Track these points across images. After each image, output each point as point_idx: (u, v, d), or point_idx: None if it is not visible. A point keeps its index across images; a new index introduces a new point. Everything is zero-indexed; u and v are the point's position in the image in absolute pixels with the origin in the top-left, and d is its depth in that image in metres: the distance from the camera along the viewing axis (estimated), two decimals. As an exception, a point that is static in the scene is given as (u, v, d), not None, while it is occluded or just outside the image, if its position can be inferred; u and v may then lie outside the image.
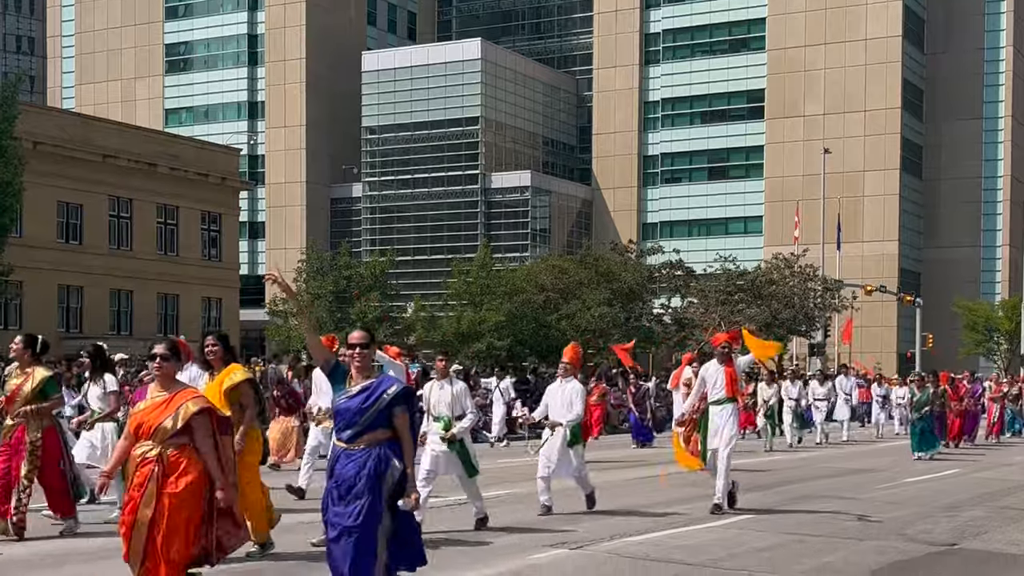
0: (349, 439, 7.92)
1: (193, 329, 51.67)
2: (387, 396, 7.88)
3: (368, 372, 8.07)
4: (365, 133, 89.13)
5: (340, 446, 7.97)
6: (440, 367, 13.38)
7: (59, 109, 73.99)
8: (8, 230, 35.42)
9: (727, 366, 15.27)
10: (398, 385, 8.01)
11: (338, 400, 8.03)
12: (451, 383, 13.14)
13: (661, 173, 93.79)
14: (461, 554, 11.33)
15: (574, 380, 14.75)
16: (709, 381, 15.28)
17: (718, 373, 15.24)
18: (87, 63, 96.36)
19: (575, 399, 14.45)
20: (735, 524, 13.84)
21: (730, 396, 15.09)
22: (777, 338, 58.00)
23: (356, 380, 8.03)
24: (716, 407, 15.03)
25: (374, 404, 7.87)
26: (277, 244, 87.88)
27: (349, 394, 7.98)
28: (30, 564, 10.61)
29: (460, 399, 13.00)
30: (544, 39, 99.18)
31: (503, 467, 20.97)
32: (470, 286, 58.60)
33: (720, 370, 15.25)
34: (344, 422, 7.96)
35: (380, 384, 7.98)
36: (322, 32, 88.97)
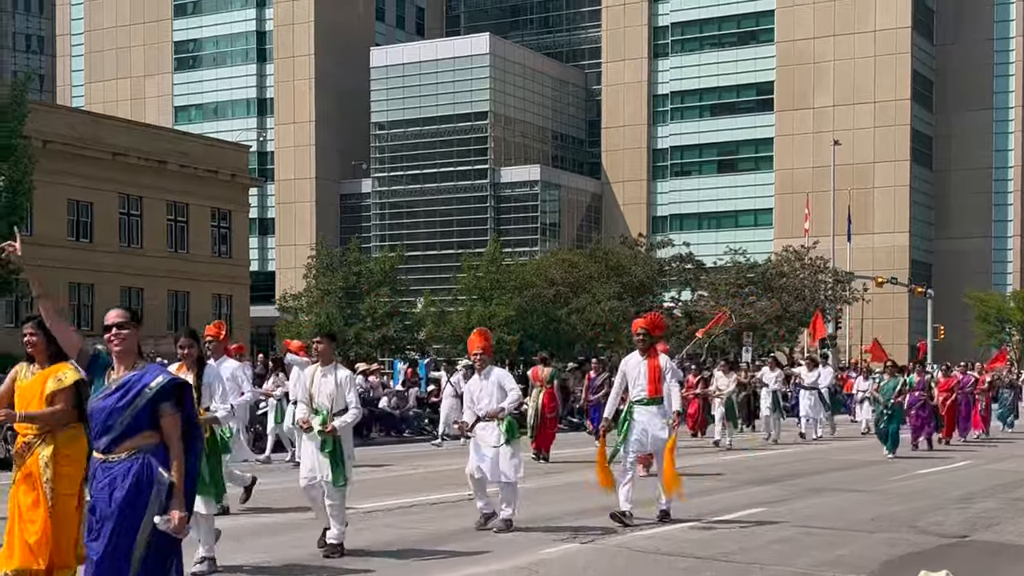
0: (106, 447, 6.41)
1: (203, 325, 51.73)
2: (149, 391, 6.40)
3: (131, 361, 6.58)
4: (374, 129, 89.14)
5: (97, 458, 6.47)
6: (320, 351, 11.41)
7: (69, 107, 74.10)
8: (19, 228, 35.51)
9: (650, 359, 12.96)
10: (164, 376, 6.49)
11: (93, 399, 6.64)
12: (335, 371, 11.23)
13: (671, 166, 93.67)
14: (471, 550, 11.32)
15: (495, 368, 12.83)
16: (630, 377, 13.03)
17: (640, 367, 12.95)
18: (96, 61, 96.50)
19: (505, 383, 12.44)
20: (746, 517, 13.82)
21: (653, 395, 12.84)
22: (788, 331, 58.07)
23: (117, 373, 6.61)
24: (640, 407, 12.88)
25: (132, 402, 6.42)
26: (287, 240, 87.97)
27: (106, 391, 6.56)
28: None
29: (343, 390, 11.05)
30: (552, 33, 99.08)
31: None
32: (480, 281, 58.62)
33: (642, 364, 12.95)
34: (99, 426, 6.46)
35: (141, 377, 6.49)
36: (330, 28, 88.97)
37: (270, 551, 11.09)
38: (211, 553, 9.96)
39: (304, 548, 11.14)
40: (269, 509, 14.21)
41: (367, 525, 12.94)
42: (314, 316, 58.52)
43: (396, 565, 10.49)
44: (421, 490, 16.59)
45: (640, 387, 12.85)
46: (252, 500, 13.84)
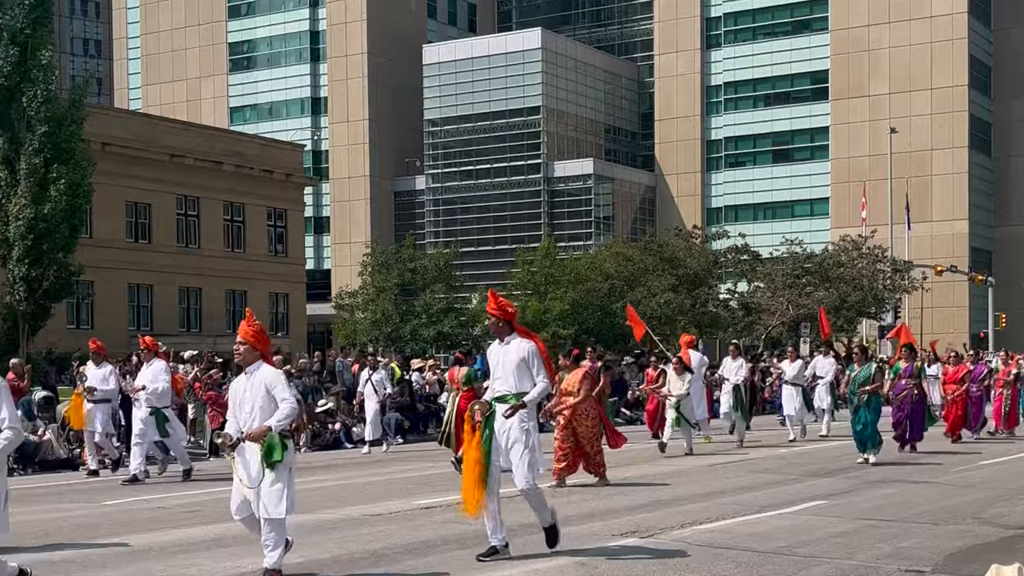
0: None
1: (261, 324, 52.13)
2: None
3: None
4: (427, 126, 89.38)
5: None
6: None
7: (126, 110, 74.96)
8: (79, 231, 35.90)
9: (524, 341, 10.62)
10: None
11: None
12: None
13: (725, 157, 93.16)
14: (530, 543, 11.32)
15: (264, 365, 9.80)
16: (492, 367, 10.84)
17: (501, 356, 10.66)
18: (152, 64, 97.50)
19: (276, 390, 9.56)
20: (807, 510, 13.72)
21: (518, 391, 10.44)
22: (847, 321, 57.55)
23: None
24: (501, 406, 10.46)
25: None
26: (342, 239, 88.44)
27: None
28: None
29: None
30: (604, 26, 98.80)
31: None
32: (534, 276, 58.66)
33: (503, 351, 10.66)
34: None
35: None
36: (383, 26, 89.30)
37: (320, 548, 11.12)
38: None
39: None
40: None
41: (427, 521, 12.98)
42: (370, 313, 58.86)
43: (465, 558, 10.50)
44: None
45: (502, 378, 10.60)
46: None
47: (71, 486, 18.03)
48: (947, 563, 10.34)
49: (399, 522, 13.01)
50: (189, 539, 11.92)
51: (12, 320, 34.09)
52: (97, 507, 15.44)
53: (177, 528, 12.85)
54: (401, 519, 13.28)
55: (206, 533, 12.40)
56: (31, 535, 12.34)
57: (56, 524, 13.48)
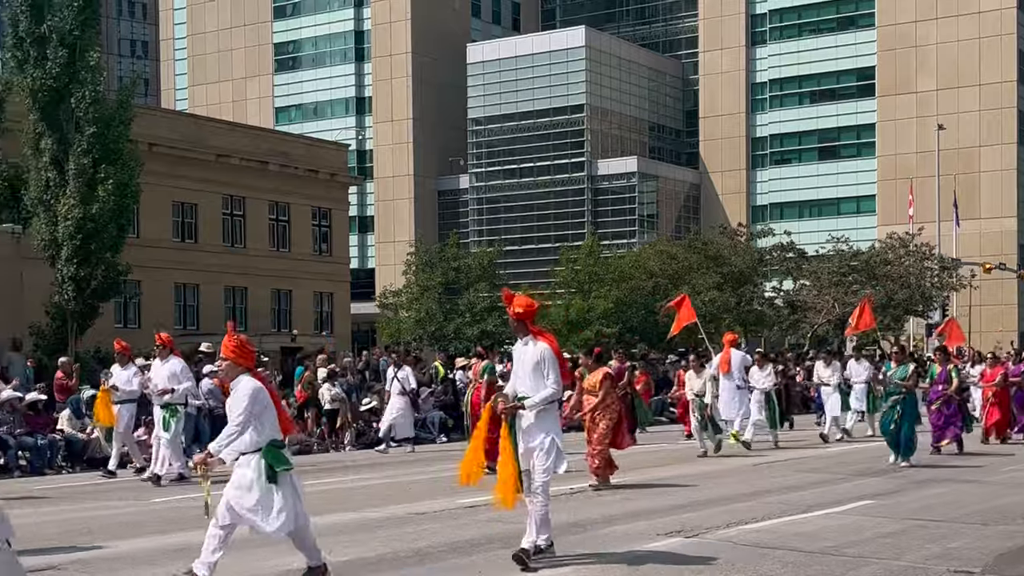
0: None
1: (305, 324, 52.43)
2: None
3: None
4: (471, 125, 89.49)
5: None
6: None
7: (173, 111, 75.55)
8: (126, 231, 36.18)
9: (540, 343, 10.36)
10: None
11: None
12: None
13: (770, 155, 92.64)
14: (576, 543, 11.30)
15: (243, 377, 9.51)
16: (513, 367, 10.72)
17: (520, 357, 10.48)
18: (199, 64, 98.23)
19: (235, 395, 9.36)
20: (854, 510, 13.60)
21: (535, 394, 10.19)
22: (894, 319, 57.07)
23: None
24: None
25: None
26: (386, 238, 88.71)
27: None
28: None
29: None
30: (649, 24, 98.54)
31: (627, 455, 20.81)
32: (578, 274, 58.59)
33: (523, 351, 10.47)
34: None
35: None
36: (427, 26, 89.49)
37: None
38: None
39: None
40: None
41: (471, 520, 12.99)
42: (413, 312, 59.00)
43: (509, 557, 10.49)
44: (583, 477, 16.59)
45: (522, 378, 10.42)
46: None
47: (119, 484, 18.17)
48: (997, 564, 10.21)
49: (444, 520, 13.03)
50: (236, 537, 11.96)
51: (61, 319, 34.39)
52: (145, 504, 15.57)
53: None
54: (446, 517, 13.30)
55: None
56: (79, 532, 12.46)
57: (103, 521, 13.60)
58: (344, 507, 14.49)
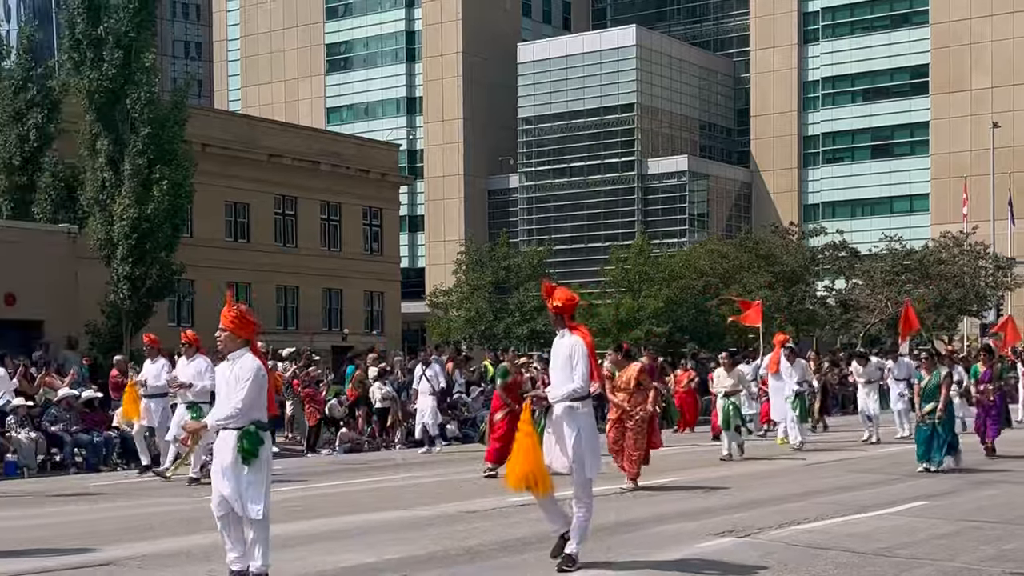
0: None
1: (356, 323, 52.70)
2: None
3: None
4: (521, 124, 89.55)
5: None
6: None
7: (226, 111, 76.16)
8: (180, 230, 36.55)
9: (576, 334, 10.08)
10: None
11: None
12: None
13: (822, 153, 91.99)
14: (627, 542, 11.30)
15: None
16: (551, 361, 10.45)
17: (555, 351, 10.23)
18: (251, 65, 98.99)
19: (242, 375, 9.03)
20: (908, 511, 13.50)
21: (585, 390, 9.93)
22: (948, 319, 56.48)
23: None
24: (558, 405, 9.99)
25: None
26: (436, 237, 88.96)
27: None
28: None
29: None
30: (700, 22, 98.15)
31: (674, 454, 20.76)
32: (628, 273, 58.45)
33: (557, 346, 10.20)
34: None
35: None
36: (478, 26, 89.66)
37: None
38: None
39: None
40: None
41: (523, 518, 13.01)
42: (464, 311, 59.14)
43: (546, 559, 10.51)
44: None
45: (557, 371, 10.17)
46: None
47: (173, 480, 18.35)
48: (1053, 567, 10.10)
49: (494, 519, 13.06)
50: (291, 534, 12.08)
51: (116, 318, 34.77)
52: (199, 501, 15.72)
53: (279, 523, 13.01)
54: (496, 516, 13.33)
55: (306, 528, 12.56)
56: (138, 528, 12.61)
57: (161, 518, 13.76)
58: (395, 505, 14.57)
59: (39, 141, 35.36)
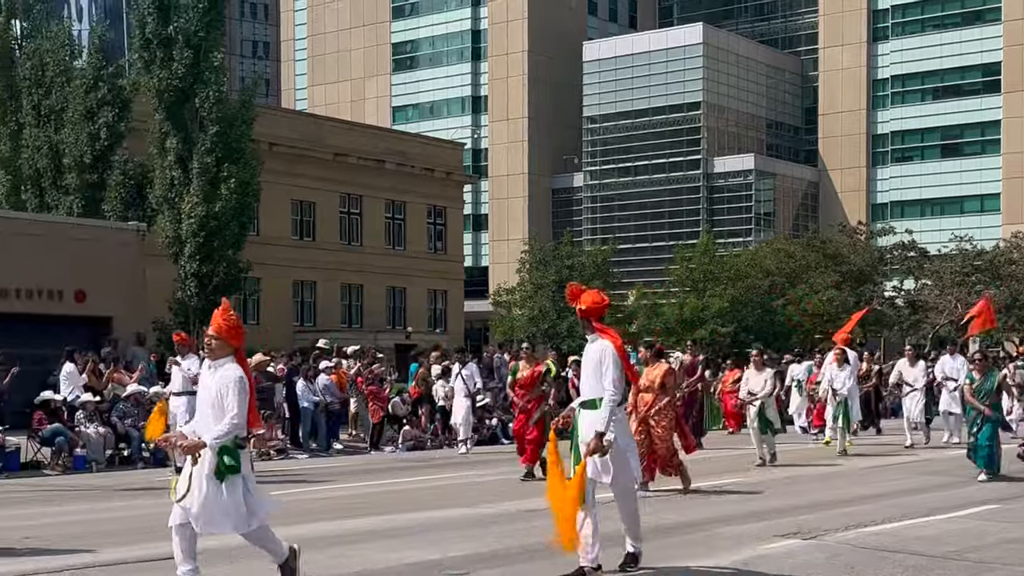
0: None
1: (419, 321, 52.87)
2: None
3: None
4: (586, 123, 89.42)
5: None
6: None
7: (293, 110, 76.78)
8: (247, 228, 36.88)
9: (605, 338, 9.61)
10: None
11: None
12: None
13: (891, 152, 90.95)
14: (690, 543, 11.22)
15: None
16: (582, 369, 9.89)
17: (585, 356, 9.86)
18: (318, 65, 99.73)
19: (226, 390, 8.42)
20: (977, 515, 13.28)
21: (594, 396, 9.47)
22: (1019, 320, 55.60)
23: None
24: (585, 412, 9.59)
25: None
26: (500, 236, 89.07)
27: None
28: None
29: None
30: (768, 20, 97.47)
31: (738, 455, 20.66)
32: (692, 272, 58.15)
33: (587, 351, 9.83)
34: None
35: None
36: (544, 24, 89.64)
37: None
38: None
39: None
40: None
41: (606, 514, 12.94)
42: (527, 310, 59.15)
43: (620, 555, 10.46)
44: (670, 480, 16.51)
45: (586, 378, 9.74)
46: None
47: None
48: None
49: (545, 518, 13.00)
50: (354, 530, 12.14)
51: (183, 315, 35.17)
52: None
53: (337, 519, 13.08)
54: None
55: (370, 524, 12.61)
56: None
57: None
58: (458, 503, 14.59)
59: (109, 140, 35.81)
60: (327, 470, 19.96)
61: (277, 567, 8.64)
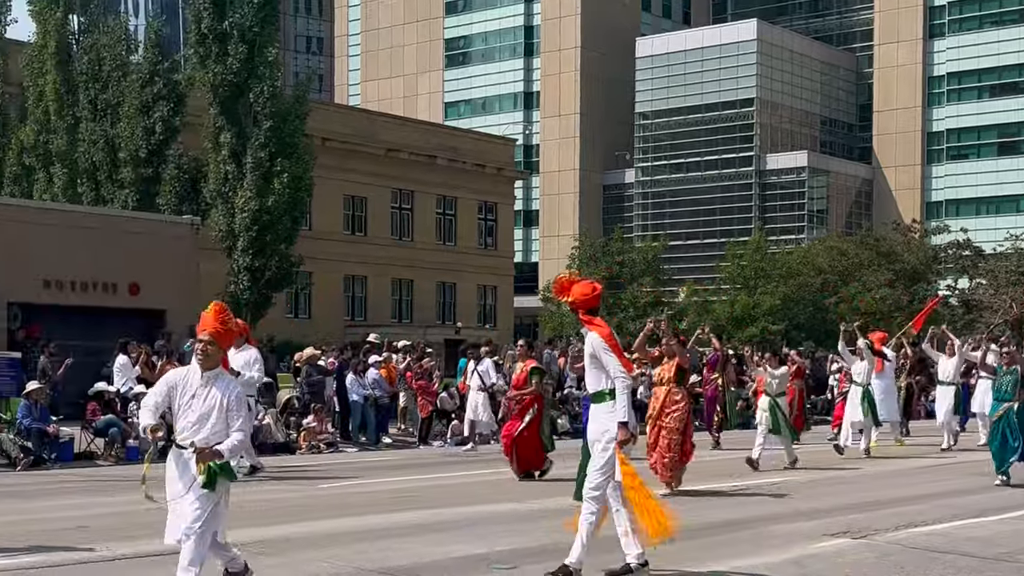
0: None
1: (469, 316, 52.97)
2: None
3: None
4: (638, 119, 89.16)
5: None
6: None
7: (346, 106, 77.13)
8: (300, 223, 37.11)
9: (592, 330, 9.37)
10: None
11: None
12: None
13: (947, 150, 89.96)
14: (739, 541, 11.19)
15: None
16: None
17: (585, 349, 9.63)
18: (371, 60, 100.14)
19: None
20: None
21: (597, 390, 9.35)
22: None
23: None
24: (594, 406, 9.46)
25: None
26: (550, 232, 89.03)
27: None
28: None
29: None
30: (822, 17, 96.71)
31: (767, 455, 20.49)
32: (744, 270, 57.82)
33: (585, 344, 9.62)
34: None
35: None
36: (597, 20, 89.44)
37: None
38: None
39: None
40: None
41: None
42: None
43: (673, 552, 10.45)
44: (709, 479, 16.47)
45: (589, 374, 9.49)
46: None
47: (288, 469, 18.68)
48: None
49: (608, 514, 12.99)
50: (401, 523, 12.20)
51: (236, 309, 35.41)
52: (313, 489, 15.98)
53: (386, 513, 13.16)
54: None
55: (418, 518, 12.66)
56: (253, 515, 12.84)
57: (274, 504, 14.01)
58: (506, 497, 14.62)
59: (165, 134, 36.18)
60: (376, 464, 20.08)
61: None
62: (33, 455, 18.25)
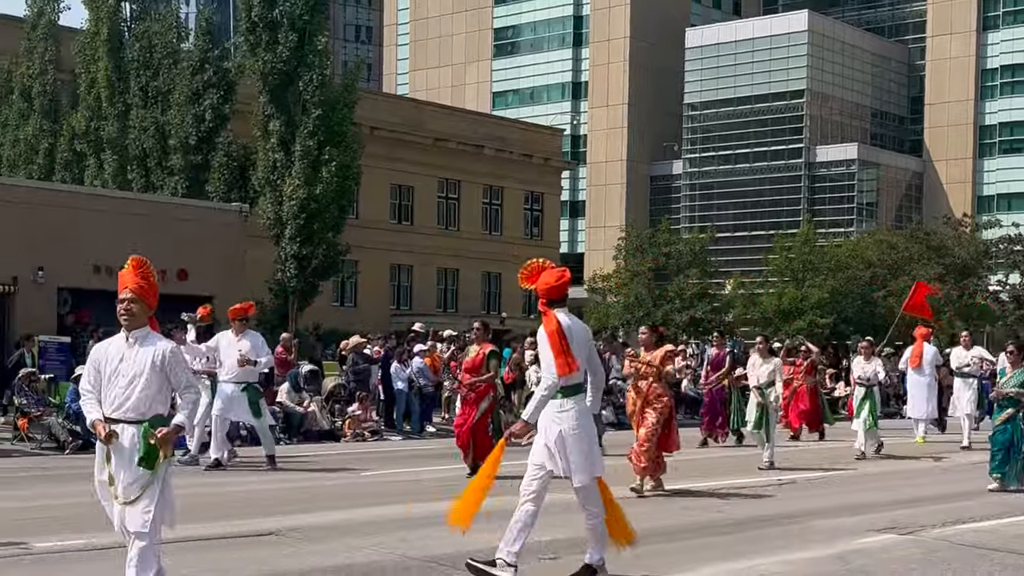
0: None
1: (514, 307, 52.99)
2: None
3: None
4: (687, 110, 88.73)
5: None
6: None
7: (394, 95, 77.37)
8: (347, 211, 37.23)
9: (544, 322, 9.07)
10: None
11: None
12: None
13: (999, 143, 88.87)
14: (785, 535, 11.11)
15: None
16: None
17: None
18: (420, 50, 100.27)
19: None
20: (1081, 516, 12.94)
21: (550, 384, 8.94)
22: None
23: None
24: (553, 402, 9.23)
25: None
26: (596, 223, 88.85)
27: None
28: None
29: None
30: (875, 8, 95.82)
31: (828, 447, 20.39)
32: (791, 262, 57.45)
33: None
34: None
35: None
36: (647, 10, 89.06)
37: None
38: None
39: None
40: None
41: (676, 506, 12.89)
42: (622, 297, 58.91)
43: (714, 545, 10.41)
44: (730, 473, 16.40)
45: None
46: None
47: (332, 456, 18.77)
48: None
49: (645, 505, 12.97)
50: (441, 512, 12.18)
51: (283, 296, 35.64)
52: (356, 476, 16.03)
53: (428, 501, 13.16)
54: (649, 503, 13.24)
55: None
56: (298, 501, 12.92)
57: (318, 491, 14.08)
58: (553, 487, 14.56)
59: (214, 122, 36.38)
60: (419, 452, 20.13)
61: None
62: (81, 439, 18.42)
